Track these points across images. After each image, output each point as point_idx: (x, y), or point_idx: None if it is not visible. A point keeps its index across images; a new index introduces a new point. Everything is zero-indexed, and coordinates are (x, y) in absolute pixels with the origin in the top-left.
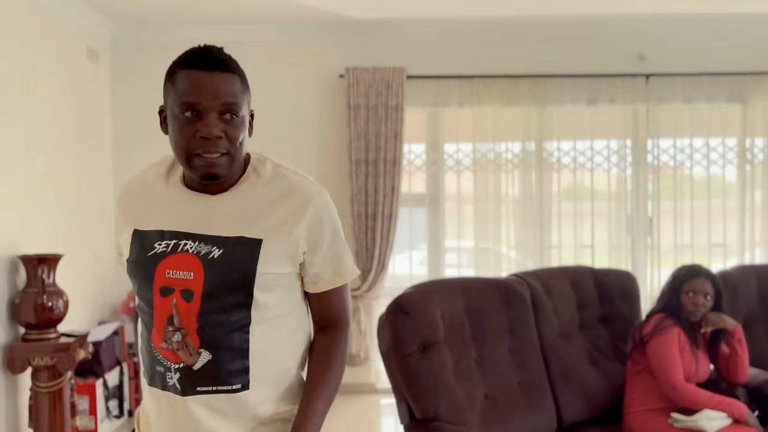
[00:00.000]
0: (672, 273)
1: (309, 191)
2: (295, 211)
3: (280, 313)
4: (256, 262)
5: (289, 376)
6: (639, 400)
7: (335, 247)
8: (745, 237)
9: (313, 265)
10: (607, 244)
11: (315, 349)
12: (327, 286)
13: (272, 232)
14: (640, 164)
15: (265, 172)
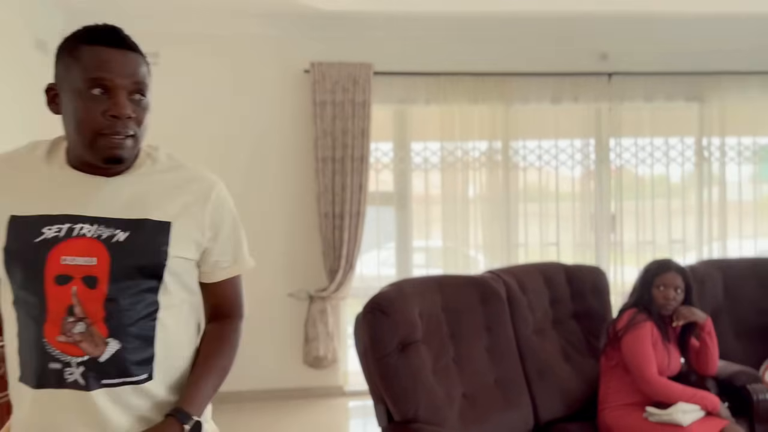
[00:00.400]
0: (643, 268)
1: (210, 178)
2: (199, 197)
3: (181, 300)
4: (167, 244)
5: (188, 366)
6: (614, 395)
7: (235, 235)
8: (703, 233)
9: (214, 252)
10: (572, 242)
11: (206, 334)
12: (224, 275)
13: (180, 215)
14: (603, 162)
15: (160, 159)
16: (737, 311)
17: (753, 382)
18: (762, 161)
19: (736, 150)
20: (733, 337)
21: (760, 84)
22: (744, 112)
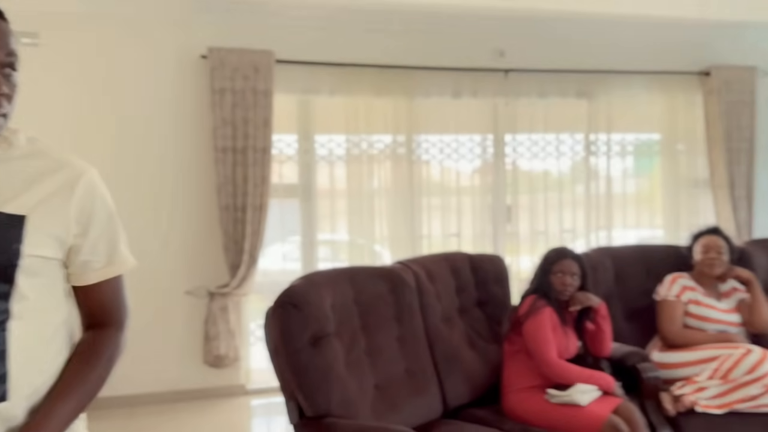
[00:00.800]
0: (542, 256)
1: (78, 166)
2: (64, 187)
3: (42, 307)
4: (20, 241)
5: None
6: (516, 379)
7: (109, 231)
8: (591, 222)
9: (83, 250)
10: (471, 233)
11: (78, 346)
12: (97, 276)
13: (38, 208)
14: (500, 157)
15: (18, 144)
16: (627, 295)
17: (642, 361)
18: (643, 156)
19: (621, 145)
20: (623, 320)
21: (641, 83)
22: (627, 110)
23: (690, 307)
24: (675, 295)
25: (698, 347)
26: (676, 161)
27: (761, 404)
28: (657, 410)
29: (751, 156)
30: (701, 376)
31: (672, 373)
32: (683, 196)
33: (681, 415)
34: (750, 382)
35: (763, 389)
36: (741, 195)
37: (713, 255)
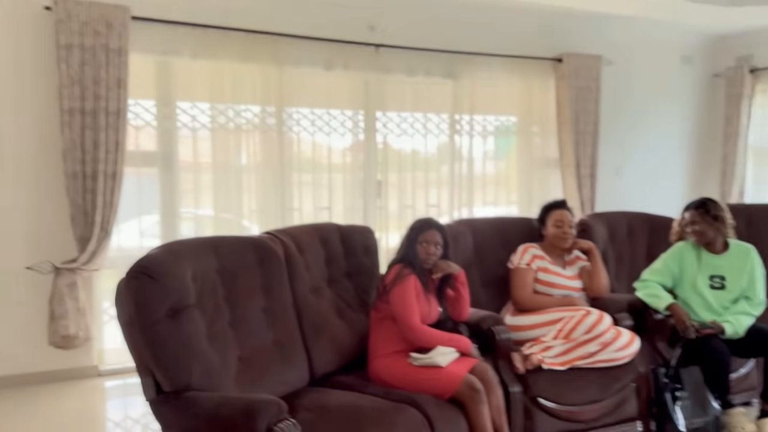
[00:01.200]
0: (408, 226)
1: None
2: None
3: None
4: None
5: None
6: (382, 344)
7: None
8: (454, 199)
9: None
10: (342, 206)
11: None
12: None
13: None
14: (370, 132)
15: None
16: (484, 264)
17: (496, 324)
18: (501, 137)
19: (482, 125)
20: (480, 287)
21: (502, 66)
22: (489, 92)
23: (539, 274)
24: (526, 264)
25: (545, 311)
26: (531, 142)
27: (597, 360)
28: (509, 368)
29: (595, 138)
30: (547, 337)
31: (522, 334)
32: (536, 175)
33: (529, 373)
34: (589, 340)
35: (599, 347)
36: (586, 174)
37: (566, 229)
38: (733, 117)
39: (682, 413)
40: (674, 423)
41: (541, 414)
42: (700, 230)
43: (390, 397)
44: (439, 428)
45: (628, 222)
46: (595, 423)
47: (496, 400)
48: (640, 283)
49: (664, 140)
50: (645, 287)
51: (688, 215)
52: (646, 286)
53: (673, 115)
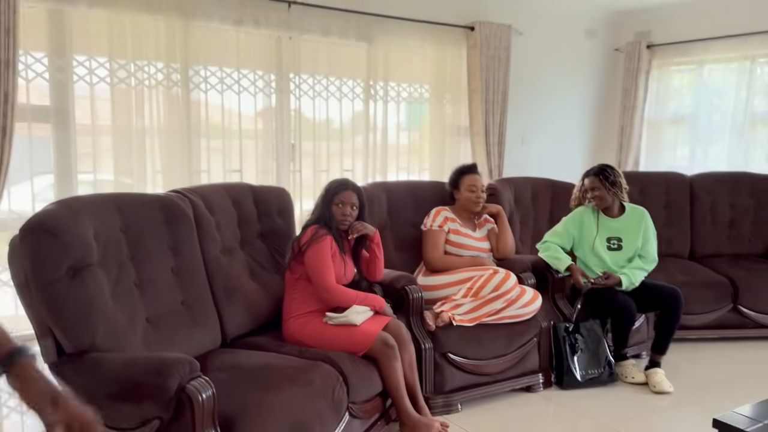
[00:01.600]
0: (324, 187)
1: None
2: None
3: None
4: None
5: None
6: (297, 305)
7: None
8: (369, 164)
9: None
10: (254, 169)
11: None
12: None
13: None
14: (284, 94)
15: None
16: (397, 227)
17: (409, 284)
18: (415, 105)
19: (396, 92)
20: (393, 249)
21: (416, 32)
22: (403, 59)
23: (450, 236)
24: (438, 226)
25: (456, 271)
26: (443, 110)
27: (503, 317)
28: (421, 326)
29: (504, 107)
30: (457, 295)
31: (434, 294)
32: (448, 143)
33: (440, 329)
34: (495, 298)
35: (505, 304)
36: (494, 141)
37: (479, 194)
38: (631, 90)
39: (578, 365)
40: (572, 374)
41: (450, 368)
42: (600, 195)
43: (305, 356)
44: (353, 383)
45: (533, 187)
46: (500, 376)
47: (408, 356)
48: (543, 245)
49: (567, 111)
50: (546, 249)
51: (588, 182)
52: (547, 248)
53: (577, 87)
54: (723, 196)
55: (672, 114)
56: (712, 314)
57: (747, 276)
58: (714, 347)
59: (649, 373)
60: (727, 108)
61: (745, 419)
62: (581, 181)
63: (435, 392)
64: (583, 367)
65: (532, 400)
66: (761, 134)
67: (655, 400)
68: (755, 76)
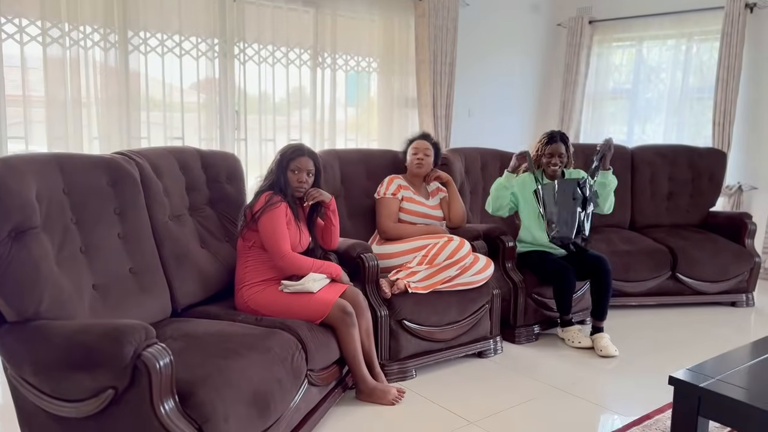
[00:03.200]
0: (279, 152)
1: None
2: None
3: None
4: None
5: None
6: (251, 274)
7: None
8: (316, 134)
9: None
10: (197, 137)
11: None
12: None
13: None
14: (228, 58)
15: None
16: (351, 195)
17: (365, 252)
18: (363, 72)
19: (344, 60)
20: (347, 217)
21: (364, 1)
22: (351, 26)
23: (404, 203)
24: (392, 194)
25: (410, 239)
26: (391, 82)
27: (457, 284)
28: (377, 293)
29: (451, 79)
30: (412, 263)
31: (389, 262)
32: (396, 115)
33: (395, 297)
34: (450, 265)
35: (459, 271)
36: (441, 114)
37: (421, 156)
38: (573, 66)
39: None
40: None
41: (405, 335)
42: (563, 161)
43: (262, 324)
44: (311, 350)
45: (482, 157)
46: (453, 342)
47: (365, 323)
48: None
49: (511, 85)
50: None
51: (554, 147)
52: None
53: (521, 61)
54: (662, 169)
55: (612, 90)
56: (652, 281)
57: (685, 245)
58: (654, 313)
59: (594, 338)
60: (664, 85)
61: (700, 375)
62: (542, 146)
63: (390, 359)
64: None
65: (484, 365)
66: (696, 112)
67: (602, 363)
68: (691, 54)
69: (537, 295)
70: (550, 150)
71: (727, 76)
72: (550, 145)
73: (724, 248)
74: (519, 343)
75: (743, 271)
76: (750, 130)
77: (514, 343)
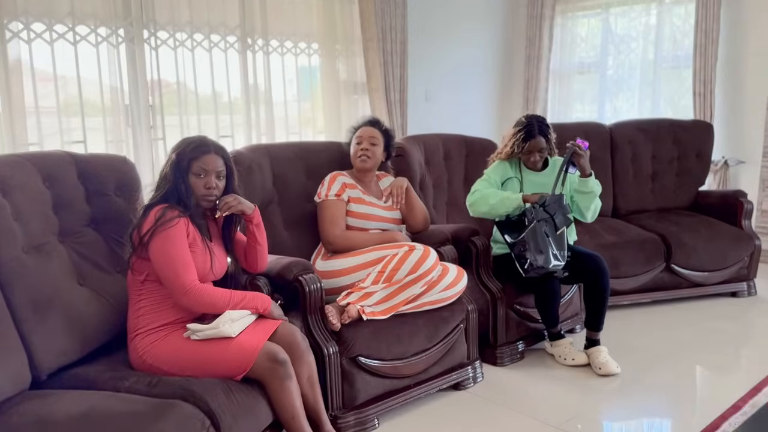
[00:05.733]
0: (173, 151)
1: None
2: None
3: None
4: None
5: None
6: (146, 317)
7: None
8: (252, 124)
9: None
10: (104, 139)
11: None
12: None
13: None
14: (137, 43)
15: None
16: (287, 199)
17: (305, 272)
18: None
19: (279, 41)
20: (283, 227)
21: None
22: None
23: (351, 206)
24: (335, 195)
25: (362, 250)
26: (335, 65)
27: (423, 303)
28: (322, 326)
29: (403, 59)
30: (366, 281)
31: (337, 281)
32: (343, 103)
33: (347, 327)
34: (413, 281)
35: (424, 287)
36: (396, 98)
37: (366, 146)
38: (535, 39)
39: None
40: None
41: (362, 375)
42: (544, 156)
43: (155, 392)
44: (227, 423)
45: (445, 145)
46: (423, 375)
47: (306, 369)
48: (473, 195)
49: (470, 63)
50: (483, 195)
51: (535, 143)
52: (483, 194)
53: (479, 37)
54: (645, 146)
55: (578, 63)
56: (645, 276)
57: (678, 231)
58: (649, 312)
59: (590, 352)
60: (636, 56)
61: None
62: (519, 142)
63: (345, 408)
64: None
65: (463, 399)
66: (672, 83)
67: (603, 384)
68: (663, 21)
69: (519, 305)
70: (530, 147)
71: (705, 41)
72: (529, 142)
73: (721, 232)
74: (502, 364)
75: (743, 256)
76: (733, 99)
77: (496, 365)
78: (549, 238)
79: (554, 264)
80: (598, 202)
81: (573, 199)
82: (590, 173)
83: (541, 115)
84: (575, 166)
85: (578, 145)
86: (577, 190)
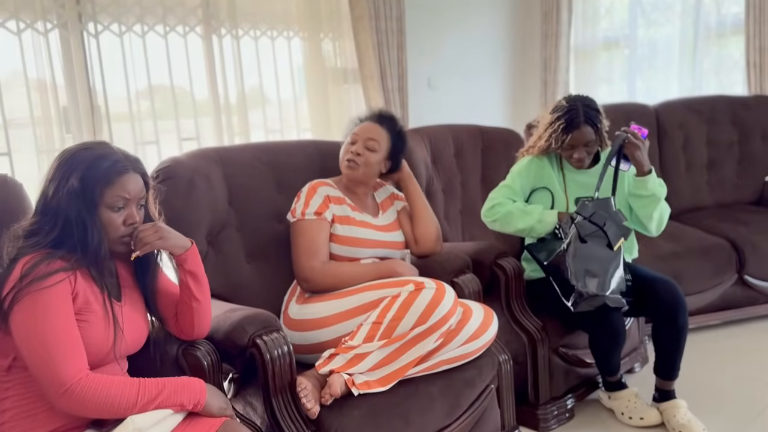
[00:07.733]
0: (64, 171)
1: None
2: None
3: None
4: None
5: None
6: (14, 425)
7: None
8: (223, 126)
9: None
10: (35, 149)
11: None
12: None
13: None
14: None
15: None
16: (249, 222)
17: (266, 332)
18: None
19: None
20: (245, 261)
21: None
22: None
23: (337, 227)
24: (315, 213)
25: (352, 289)
26: (320, 49)
27: (439, 362)
28: (294, 410)
29: (401, 41)
30: (357, 337)
31: (315, 336)
32: (332, 93)
33: (330, 410)
34: (423, 335)
35: (439, 341)
36: (394, 86)
37: (358, 149)
38: (552, 13)
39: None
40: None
41: None
42: (591, 152)
43: None
44: None
45: (456, 138)
46: None
47: None
48: (491, 210)
49: (479, 43)
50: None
51: (578, 135)
52: (507, 211)
53: (489, 13)
54: (698, 130)
55: (603, 38)
56: (713, 291)
57: (749, 233)
58: (721, 337)
59: (664, 408)
60: (671, 24)
61: None
62: (557, 135)
63: None
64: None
65: None
66: (716, 54)
67: None
68: None
69: (565, 347)
70: (573, 140)
71: (761, 2)
72: (572, 133)
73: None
74: (547, 428)
75: None
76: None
77: (538, 429)
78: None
79: (612, 290)
80: (665, 208)
81: (629, 206)
82: (650, 169)
83: (588, 96)
84: (628, 161)
85: (633, 131)
86: (633, 194)
